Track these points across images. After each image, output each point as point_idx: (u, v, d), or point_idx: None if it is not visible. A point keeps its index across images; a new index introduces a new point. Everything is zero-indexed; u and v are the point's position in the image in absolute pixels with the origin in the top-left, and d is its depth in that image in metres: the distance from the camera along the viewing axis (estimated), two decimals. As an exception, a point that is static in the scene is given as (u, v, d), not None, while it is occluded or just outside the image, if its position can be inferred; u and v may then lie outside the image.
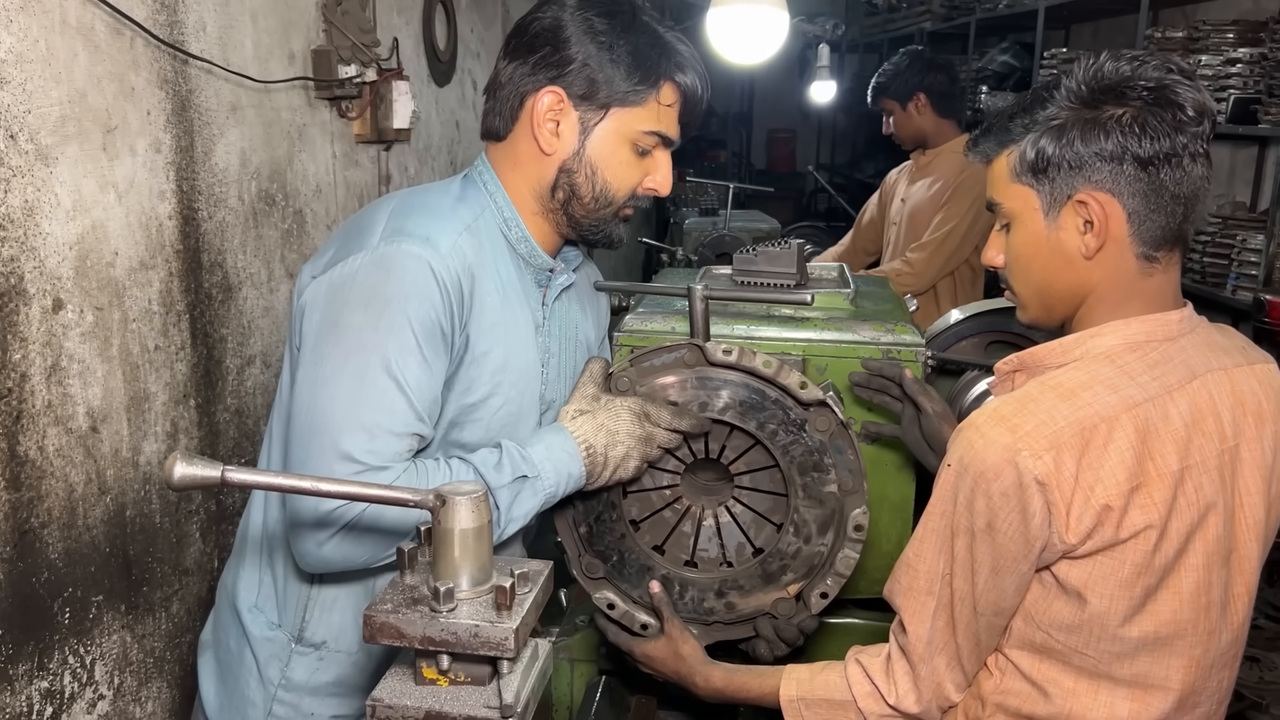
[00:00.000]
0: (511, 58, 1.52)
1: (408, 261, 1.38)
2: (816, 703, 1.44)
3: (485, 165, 1.57)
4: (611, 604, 1.64)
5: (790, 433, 1.54)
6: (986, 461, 1.22)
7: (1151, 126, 1.22)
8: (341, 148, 2.78)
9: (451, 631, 0.98)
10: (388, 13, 3.03)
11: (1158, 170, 1.23)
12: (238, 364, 2.29)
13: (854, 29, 10.77)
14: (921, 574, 1.33)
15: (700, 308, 1.59)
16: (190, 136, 2.08)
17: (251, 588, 1.60)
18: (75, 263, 1.75)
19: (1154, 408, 1.22)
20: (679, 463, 1.61)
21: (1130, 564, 1.23)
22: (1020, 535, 1.22)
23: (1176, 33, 4.49)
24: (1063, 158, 1.25)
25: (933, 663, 1.35)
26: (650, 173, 1.57)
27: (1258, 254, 3.85)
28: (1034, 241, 1.31)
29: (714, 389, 1.54)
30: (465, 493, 1.00)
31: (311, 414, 1.38)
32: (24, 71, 1.61)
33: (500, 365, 1.51)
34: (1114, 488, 1.19)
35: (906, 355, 1.67)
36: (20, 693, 1.65)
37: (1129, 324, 1.28)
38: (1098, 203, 1.25)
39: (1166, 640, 1.27)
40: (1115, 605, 1.24)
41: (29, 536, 1.66)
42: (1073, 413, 1.21)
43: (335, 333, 1.38)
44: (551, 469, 1.44)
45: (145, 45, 1.92)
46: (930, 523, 1.32)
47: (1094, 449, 1.20)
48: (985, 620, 1.31)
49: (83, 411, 1.77)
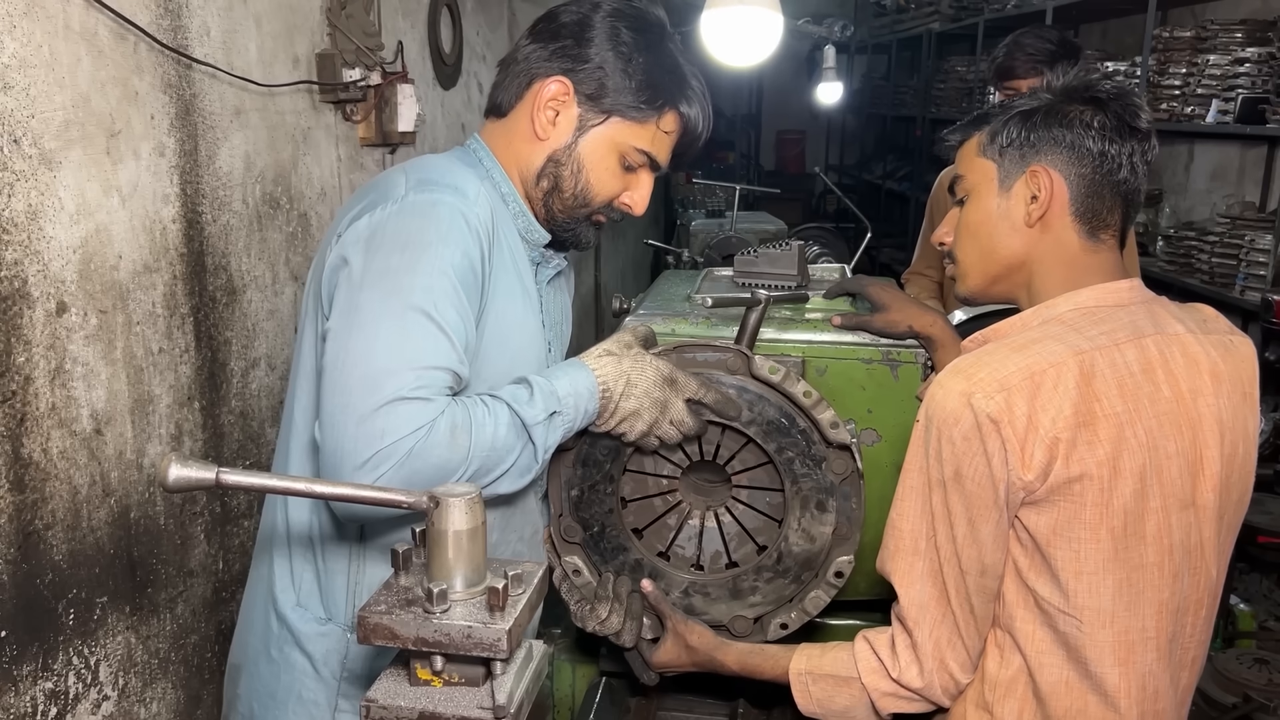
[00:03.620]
0: (535, 39, 1.56)
1: (440, 209, 1.40)
2: (822, 678, 1.47)
3: (480, 143, 1.60)
4: (577, 570, 1.64)
5: (806, 465, 1.54)
6: (946, 409, 1.30)
7: (1107, 127, 1.37)
8: (346, 151, 2.79)
9: (444, 633, 0.98)
10: (393, 16, 3.04)
11: (1103, 164, 1.37)
12: (242, 367, 2.30)
13: (863, 30, 10.76)
14: (906, 534, 1.38)
15: (755, 318, 1.60)
16: (194, 140, 2.09)
17: (289, 588, 1.60)
18: (79, 266, 1.76)
19: (1100, 355, 1.32)
20: (685, 457, 1.61)
21: (1091, 505, 1.29)
22: (986, 478, 1.29)
23: (1184, 32, 4.47)
24: (1026, 137, 1.40)
25: (932, 633, 1.37)
26: (630, 189, 1.59)
27: (1266, 254, 3.83)
28: (985, 210, 1.44)
29: (747, 401, 1.55)
30: (459, 494, 1.01)
31: (351, 360, 1.34)
32: (27, 76, 1.63)
33: (514, 322, 1.53)
34: (1060, 421, 1.27)
35: (905, 355, 1.68)
36: (25, 693, 1.67)
37: (1080, 293, 1.40)
38: (1047, 175, 1.38)
39: (1138, 588, 1.32)
40: (1084, 549, 1.30)
41: (33, 538, 1.67)
42: (1023, 360, 1.31)
43: (371, 279, 1.37)
44: (573, 404, 1.44)
45: (149, 50, 1.93)
46: (908, 480, 1.38)
47: (1044, 391, 1.28)
48: (973, 581, 1.35)
49: (87, 414, 1.79)
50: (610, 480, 1.59)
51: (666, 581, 1.63)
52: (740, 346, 1.58)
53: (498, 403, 1.40)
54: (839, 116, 11.22)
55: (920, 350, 1.69)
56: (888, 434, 1.70)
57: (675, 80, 1.54)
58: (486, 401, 1.40)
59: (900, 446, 1.70)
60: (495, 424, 1.37)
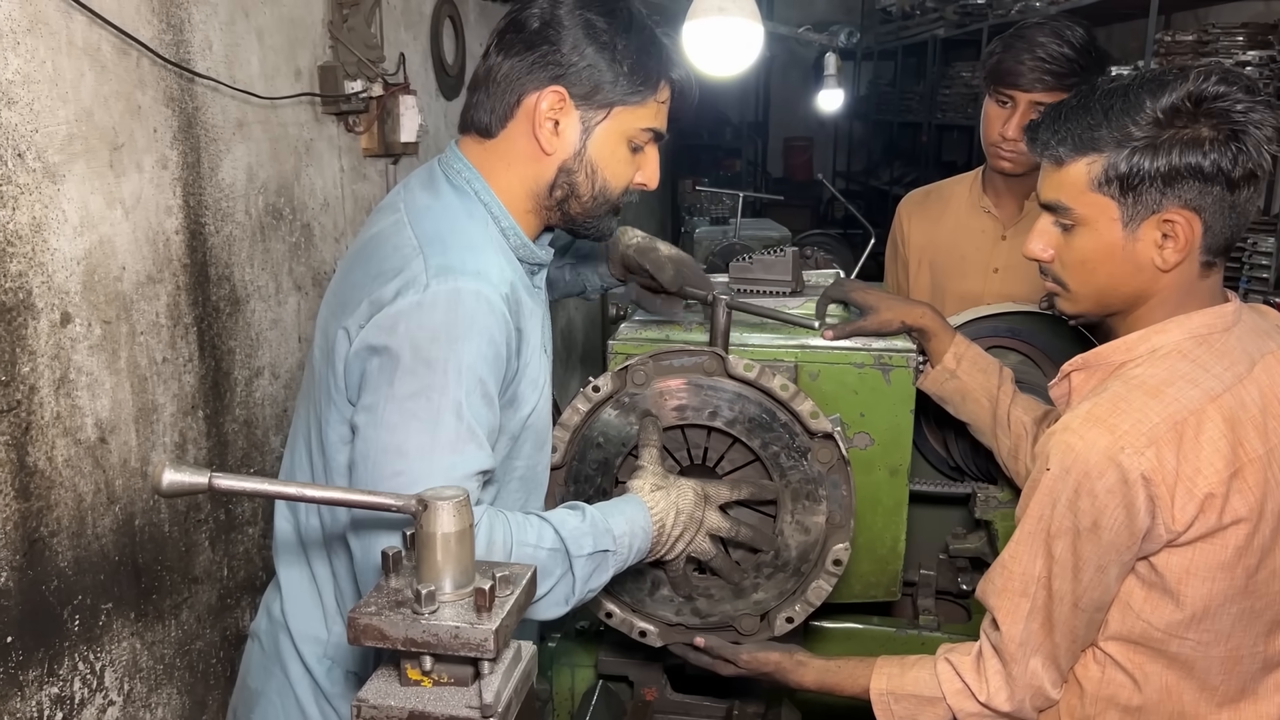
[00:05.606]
0: (507, 53, 1.48)
1: (465, 299, 1.35)
2: (905, 698, 1.48)
3: (468, 168, 1.51)
4: (610, 613, 1.67)
5: (792, 458, 1.56)
6: (1089, 462, 1.27)
7: (1245, 151, 1.26)
8: (349, 161, 2.82)
9: (433, 633, 1.00)
10: (395, 28, 3.07)
11: (1242, 191, 1.28)
12: (246, 375, 2.33)
13: (870, 36, 10.77)
14: (1016, 575, 1.38)
15: (723, 318, 1.61)
16: (197, 153, 2.12)
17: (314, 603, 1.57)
18: (83, 277, 1.79)
19: (1232, 397, 1.29)
20: (675, 464, 1.63)
21: (1233, 547, 1.28)
22: (1126, 529, 1.28)
23: (1187, 36, 4.47)
24: (1157, 175, 1.28)
25: (1028, 663, 1.38)
26: (641, 168, 1.56)
27: (1269, 257, 3.83)
28: (1106, 249, 1.35)
29: (726, 400, 1.56)
30: (447, 498, 1.03)
31: (382, 462, 1.33)
32: (31, 92, 1.66)
33: (536, 370, 1.52)
34: (1213, 476, 1.26)
35: (897, 359, 1.69)
36: (30, 698, 1.69)
37: (1190, 319, 1.35)
38: (1185, 220, 1.29)
39: (1259, 612, 1.33)
40: (1215, 587, 1.30)
41: (39, 545, 1.70)
42: (1163, 409, 1.27)
43: (399, 378, 1.33)
44: (628, 543, 1.43)
45: (151, 65, 1.97)
46: (1027, 526, 1.36)
47: (1187, 442, 1.26)
48: (1086, 616, 1.35)
49: (91, 423, 1.81)
50: (603, 494, 1.61)
51: (670, 588, 1.64)
52: (715, 348, 1.59)
53: (546, 525, 1.39)
54: (846, 123, 11.22)
55: (912, 354, 1.70)
56: (880, 437, 1.71)
57: (658, 50, 1.51)
58: (531, 521, 1.39)
59: (893, 448, 1.72)
60: (538, 543, 1.36)
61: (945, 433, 2.00)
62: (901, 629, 1.90)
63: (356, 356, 1.38)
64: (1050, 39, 2.09)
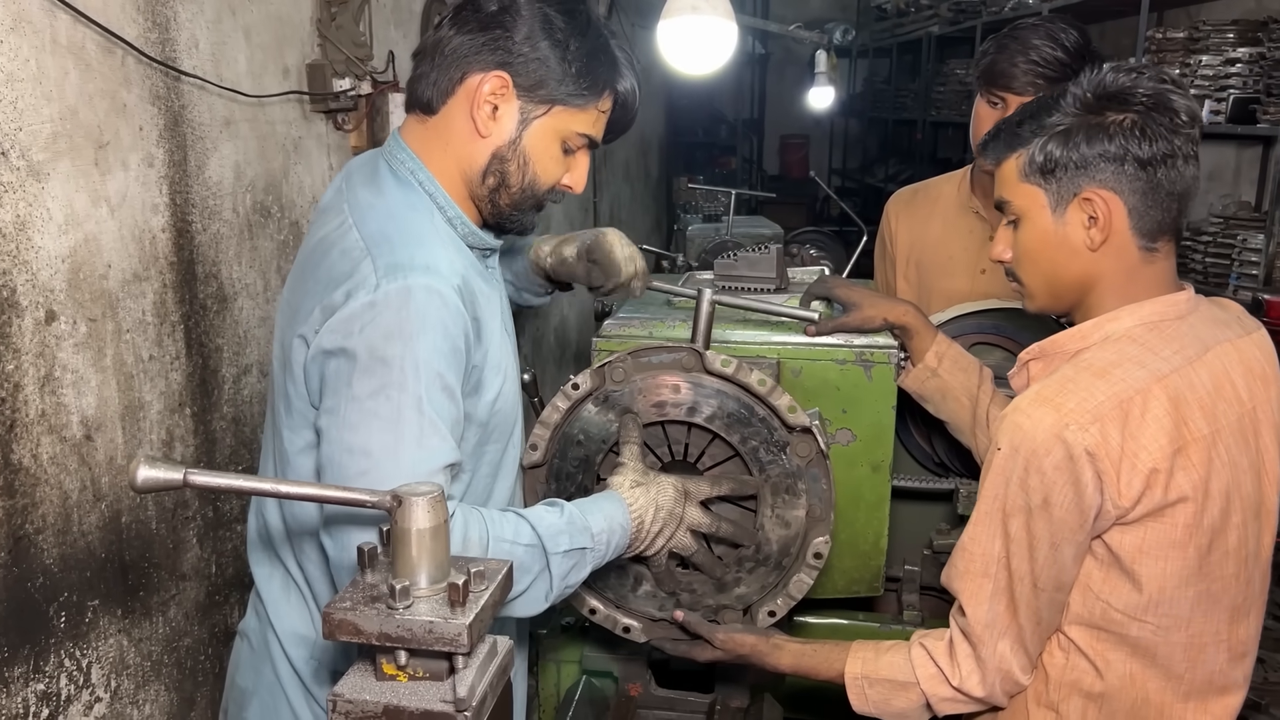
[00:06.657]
0: (460, 29, 1.48)
1: (416, 295, 1.35)
2: (879, 682, 1.50)
3: (411, 158, 1.52)
4: (593, 610, 1.67)
5: (771, 452, 1.57)
6: (1036, 440, 1.31)
7: (1151, 130, 1.33)
8: (338, 159, 2.82)
9: (407, 628, 1.01)
10: (384, 26, 3.07)
11: (1155, 170, 1.34)
12: (234, 373, 2.33)
13: (865, 34, 10.78)
14: (977, 557, 1.40)
15: (706, 313, 1.62)
16: (183, 151, 2.13)
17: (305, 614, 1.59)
18: (68, 275, 1.79)
19: (1180, 378, 1.33)
20: (656, 460, 1.64)
21: (1181, 525, 1.31)
22: (1075, 506, 1.30)
23: (1178, 33, 4.49)
24: (1069, 159, 1.36)
25: (995, 646, 1.40)
26: (570, 170, 1.57)
27: (1258, 254, 3.84)
28: (1042, 236, 1.42)
29: (705, 395, 1.57)
30: (422, 493, 1.03)
31: (347, 463, 1.34)
32: (14, 90, 1.66)
33: (498, 355, 1.52)
34: (1157, 452, 1.29)
35: (879, 356, 1.70)
36: (16, 695, 1.70)
37: (1142, 306, 1.39)
38: (1101, 199, 1.35)
39: (1216, 595, 1.36)
40: (1169, 566, 1.32)
41: (24, 542, 1.71)
42: (1109, 388, 1.31)
43: (357, 379, 1.34)
44: (606, 540, 1.44)
45: (137, 63, 1.97)
46: (983, 506, 1.39)
47: (1133, 419, 1.29)
48: (1046, 596, 1.37)
49: (77, 420, 1.82)
50: (585, 491, 1.62)
51: (653, 585, 1.65)
52: (694, 345, 1.60)
53: (523, 522, 1.39)
54: (842, 120, 11.24)
55: (893, 350, 1.71)
56: (862, 433, 1.72)
57: (609, 60, 1.52)
58: (507, 518, 1.39)
59: (875, 445, 1.73)
60: (515, 539, 1.37)
61: (929, 429, 2.01)
62: (886, 624, 1.91)
63: (314, 362, 1.39)
64: (1045, 41, 2.07)
